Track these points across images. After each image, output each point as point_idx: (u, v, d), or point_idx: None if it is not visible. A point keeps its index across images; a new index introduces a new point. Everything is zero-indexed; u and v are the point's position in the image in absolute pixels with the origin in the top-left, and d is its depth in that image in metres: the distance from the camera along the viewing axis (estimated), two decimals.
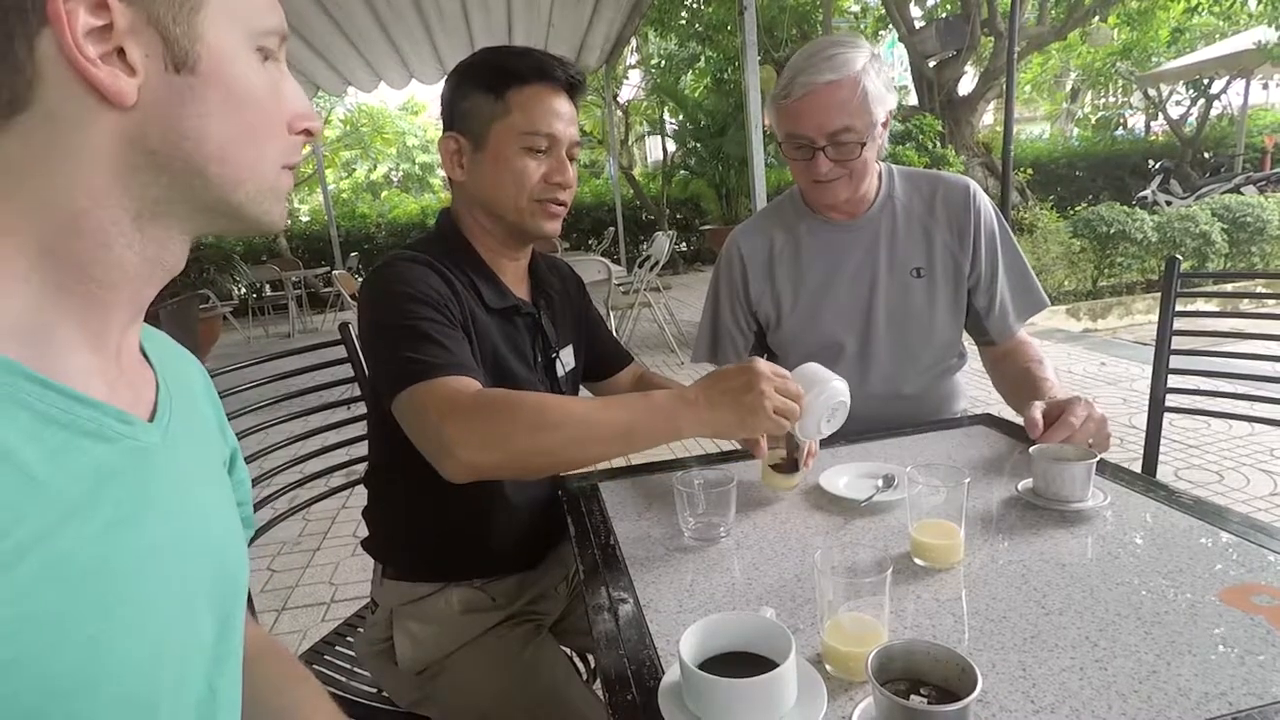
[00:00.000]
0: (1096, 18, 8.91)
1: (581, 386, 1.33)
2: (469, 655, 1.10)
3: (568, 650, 1.23)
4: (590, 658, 1.37)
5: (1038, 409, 1.13)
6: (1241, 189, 8.38)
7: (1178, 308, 1.51)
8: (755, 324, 1.50)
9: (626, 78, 12.30)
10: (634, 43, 10.73)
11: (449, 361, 0.91)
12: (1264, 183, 8.91)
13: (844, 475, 1.13)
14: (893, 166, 1.45)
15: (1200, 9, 9.30)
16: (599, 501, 1.13)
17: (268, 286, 10.20)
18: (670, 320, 6.16)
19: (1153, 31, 11.22)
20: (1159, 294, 1.35)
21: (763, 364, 0.89)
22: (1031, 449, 1.01)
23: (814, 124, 1.26)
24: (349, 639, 1.34)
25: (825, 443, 1.29)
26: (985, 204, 1.41)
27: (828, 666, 0.69)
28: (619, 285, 5.57)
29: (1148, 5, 9.87)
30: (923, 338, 1.42)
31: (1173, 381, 1.53)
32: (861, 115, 1.24)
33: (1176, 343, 1.51)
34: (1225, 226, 6.00)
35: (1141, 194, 9.70)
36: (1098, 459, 0.96)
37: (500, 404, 0.86)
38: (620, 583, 0.89)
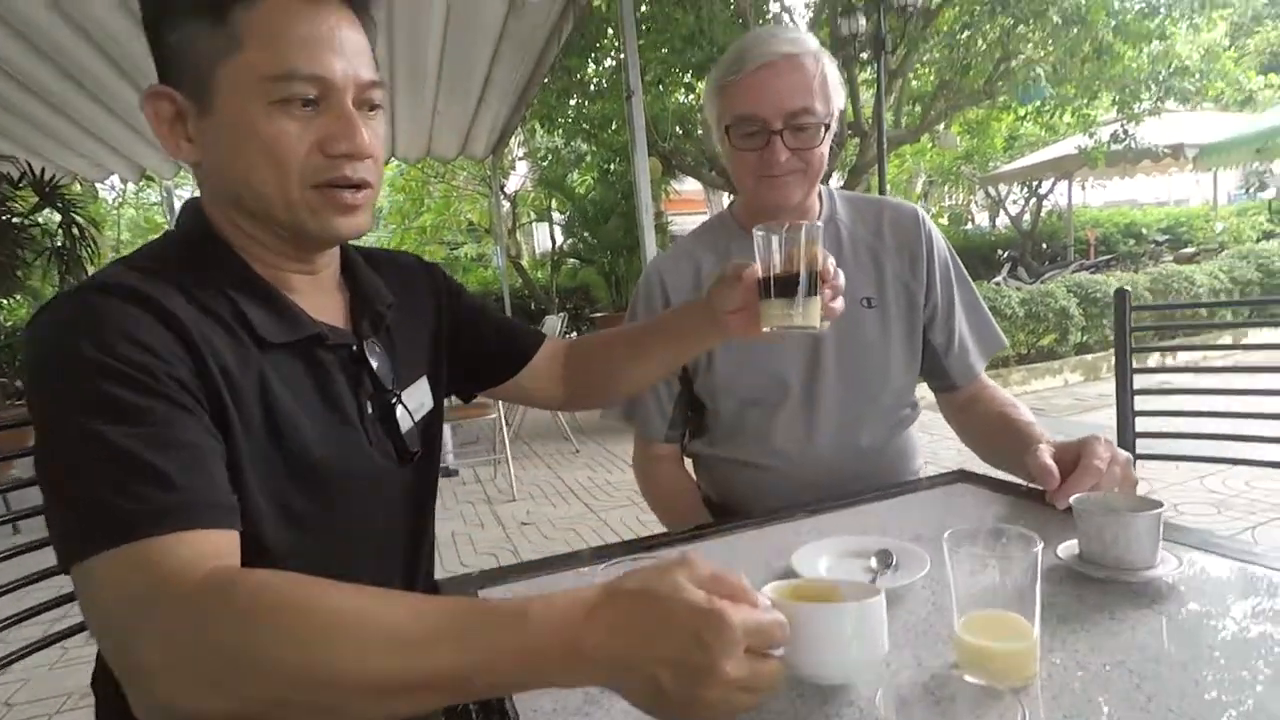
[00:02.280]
0: (943, 124, 9.82)
1: (483, 396, 1.00)
2: None
3: None
4: None
5: (1047, 453, 0.89)
6: (1076, 274, 9.30)
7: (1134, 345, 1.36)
8: (681, 369, 1.22)
9: (513, 168, 12.32)
10: (520, 134, 10.80)
11: (165, 505, 0.54)
12: (1094, 268, 9.94)
13: (821, 555, 0.83)
14: (832, 189, 1.26)
15: (1026, 119, 10.50)
16: None
17: None
18: None
19: (990, 139, 12.53)
20: (1034, 365, 1.19)
21: (731, 610, 0.45)
22: (1073, 499, 0.76)
23: (772, 103, 1.05)
24: None
25: (774, 518, 1.00)
26: (936, 231, 1.23)
27: (966, 677, 0.48)
28: None
29: (984, 115, 11.02)
30: (878, 377, 1.19)
31: (1140, 425, 1.37)
32: (822, 98, 1.06)
33: (1139, 381, 1.36)
34: (1079, 301, 6.47)
35: (996, 280, 10.56)
36: (1163, 508, 0.72)
37: (243, 611, 0.49)
38: None
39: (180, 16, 0.66)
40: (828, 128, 1.08)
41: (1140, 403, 1.36)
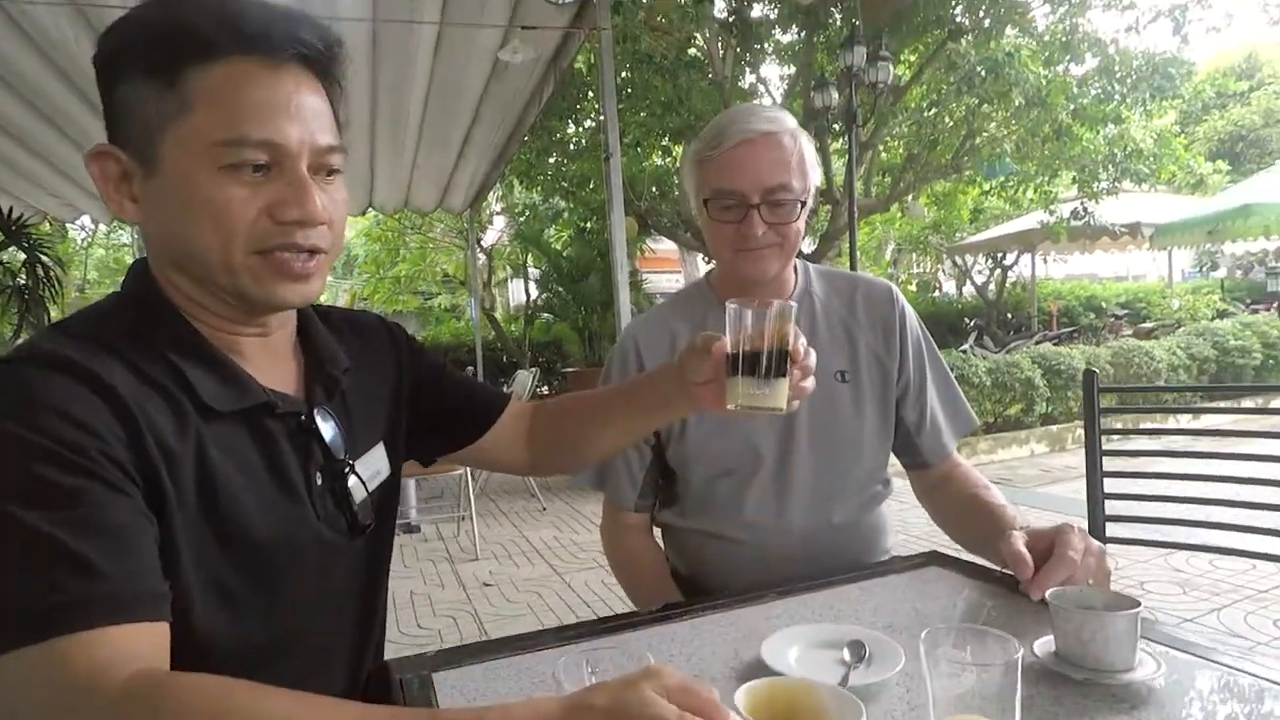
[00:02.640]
0: (911, 195, 10.17)
1: (442, 460, 0.98)
2: None
3: None
4: None
5: (1020, 541, 0.88)
6: (1040, 345, 9.54)
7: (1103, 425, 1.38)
8: (653, 436, 1.20)
9: (491, 222, 12.41)
10: (499, 189, 10.93)
11: (90, 595, 0.50)
12: (1057, 340, 10.23)
13: (792, 645, 0.80)
14: (807, 263, 1.27)
15: (991, 193, 10.93)
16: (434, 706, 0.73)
17: None
18: None
19: (956, 211, 12.98)
20: (1000, 434, 1.20)
21: None
22: (1049, 595, 0.74)
23: (750, 178, 1.06)
24: None
25: (744, 600, 0.97)
26: (909, 308, 1.25)
27: None
28: None
29: (951, 188, 11.45)
30: (851, 451, 1.18)
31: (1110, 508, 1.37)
32: (799, 175, 1.08)
33: (1108, 464, 1.37)
34: (1044, 372, 6.61)
35: (963, 348, 10.80)
36: (1140, 608, 0.70)
37: (174, 717, 0.46)
38: None
39: (132, 75, 0.63)
40: (804, 204, 1.10)
41: (1110, 485, 1.37)
